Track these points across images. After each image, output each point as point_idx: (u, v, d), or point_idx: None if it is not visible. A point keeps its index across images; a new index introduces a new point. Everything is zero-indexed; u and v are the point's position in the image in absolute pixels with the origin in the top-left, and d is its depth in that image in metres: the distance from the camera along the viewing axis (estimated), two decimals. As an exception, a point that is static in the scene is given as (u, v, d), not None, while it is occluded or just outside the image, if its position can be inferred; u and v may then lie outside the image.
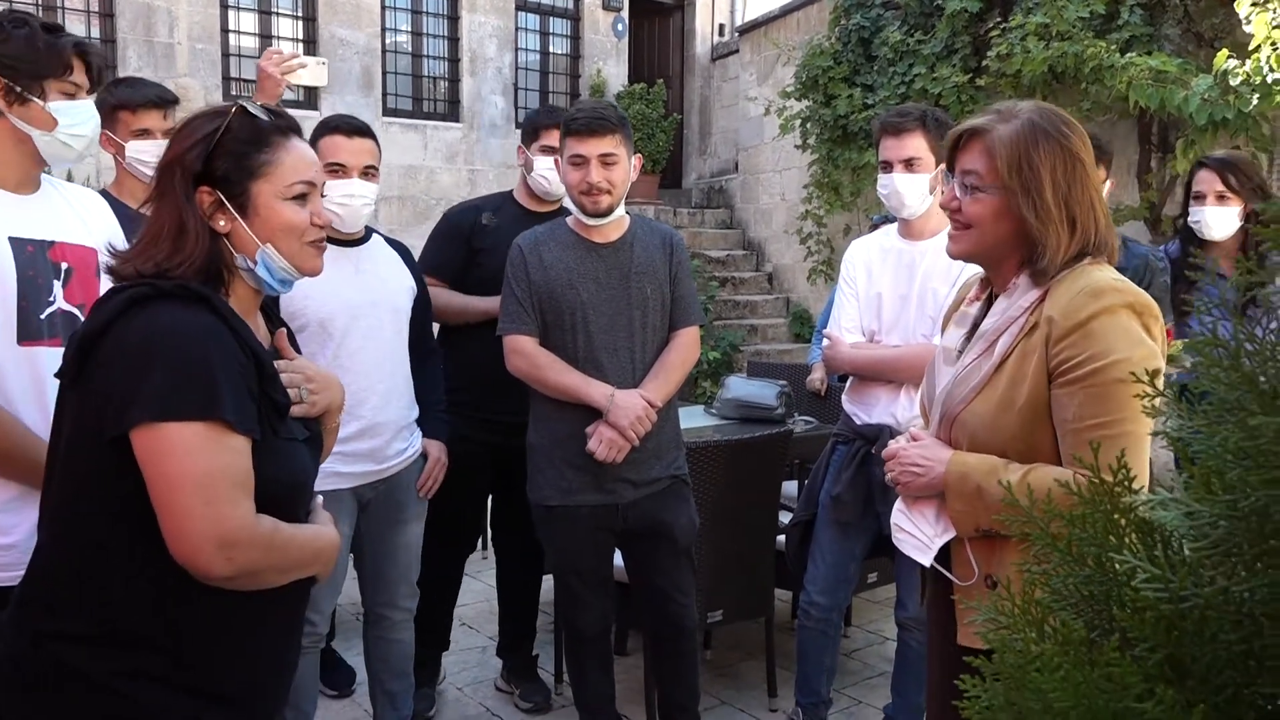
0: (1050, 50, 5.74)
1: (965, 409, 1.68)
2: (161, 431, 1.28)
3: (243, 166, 1.43)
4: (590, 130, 2.58)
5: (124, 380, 1.30)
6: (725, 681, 3.58)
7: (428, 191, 9.70)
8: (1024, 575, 0.67)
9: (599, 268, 2.66)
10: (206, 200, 1.43)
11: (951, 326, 1.86)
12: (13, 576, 1.71)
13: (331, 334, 2.55)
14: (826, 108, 7.90)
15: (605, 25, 11.30)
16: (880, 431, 2.77)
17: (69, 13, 8.39)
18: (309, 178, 1.50)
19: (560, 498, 2.68)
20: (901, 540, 1.81)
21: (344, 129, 2.62)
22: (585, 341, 2.63)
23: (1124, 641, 0.53)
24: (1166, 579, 0.53)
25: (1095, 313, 1.56)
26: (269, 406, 1.41)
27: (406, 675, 2.89)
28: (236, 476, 1.32)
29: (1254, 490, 0.49)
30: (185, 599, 1.35)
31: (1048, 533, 0.62)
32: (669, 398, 2.70)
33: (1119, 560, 0.56)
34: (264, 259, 1.46)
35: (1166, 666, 0.52)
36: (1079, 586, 0.59)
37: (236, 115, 1.45)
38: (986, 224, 1.67)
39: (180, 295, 1.35)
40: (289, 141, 1.48)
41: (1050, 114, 1.67)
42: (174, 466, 1.28)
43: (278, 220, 1.46)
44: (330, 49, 9.46)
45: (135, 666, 1.34)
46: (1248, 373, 0.51)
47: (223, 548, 1.29)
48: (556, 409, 2.65)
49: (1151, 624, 0.52)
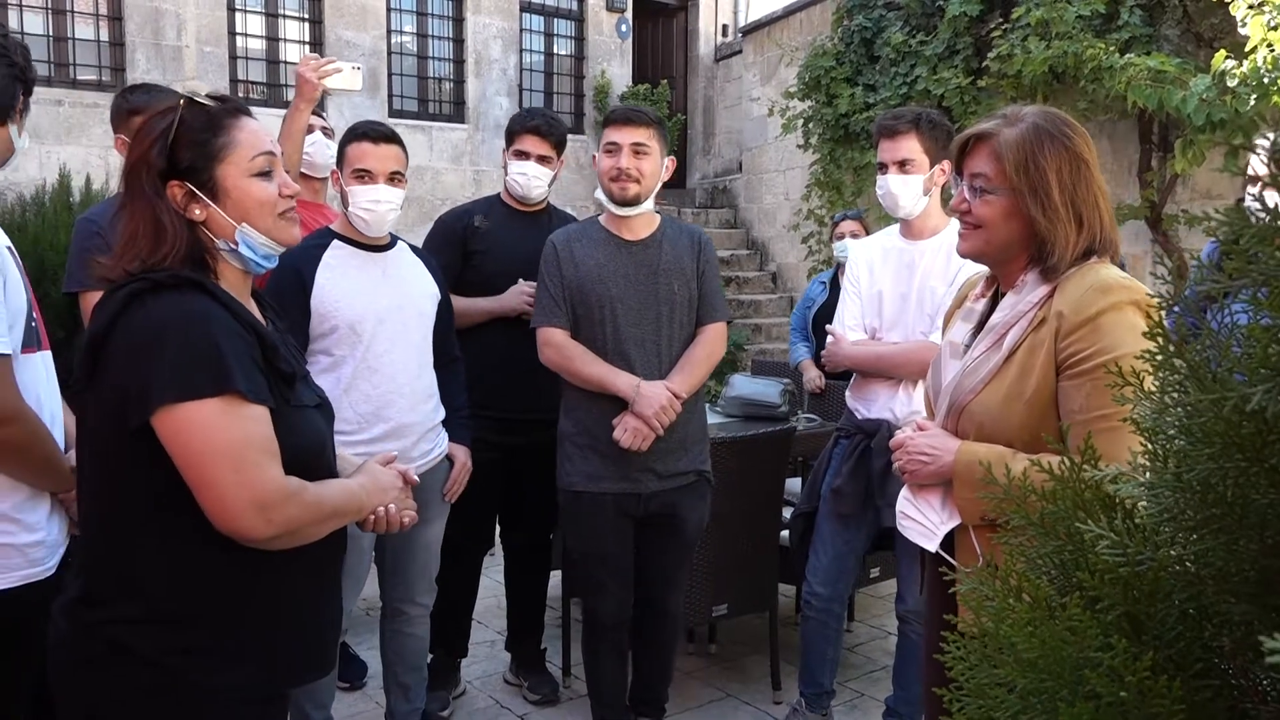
0: (1050, 50, 5.79)
1: (974, 399, 1.74)
2: (181, 412, 1.35)
3: (204, 153, 1.48)
4: (626, 120, 2.71)
5: (137, 372, 1.36)
6: (730, 675, 3.64)
7: (433, 192, 9.77)
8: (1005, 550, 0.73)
9: (629, 264, 2.74)
10: (179, 193, 1.47)
11: (957, 321, 1.92)
12: (44, 571, 1.78)
13: (360, 336, 2.61)
14: (829, 107, 7.95)
15: (609, 26, 11.36)
16: (879, 426, 2.84)
17: (78, 16, 8.47)
18: (267, 149, 1.53)
19: (586, 484, 2.76)
20: (907, 527, 1.87)
21: (371, 135, 2.67)
22: (614, 334, 2.71)
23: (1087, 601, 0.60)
24: (1125, 545, 0.59)
25: (1104, 308, 1.62)
26: (276, 377, 1.48)
27: (420, 669, 2.95)
28: (260, 442, 1.39)
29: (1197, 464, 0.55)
30: (227, 574, 1.42)
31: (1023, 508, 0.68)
32: (695, 390, 2.77)
33: (1084, 530, 0.62)
34: (243, 238, 1.52)
35: (1124, 621, 0.58)
36: (1050, 556, 0.65)
37: (186, 107, 1.49)
38: (996, 224, 1.74)
39: (175, 284, 1.42)
40: (240, 121, 1.52)
41: (1054, 117, 1.74)
42: (199, 443, 1.35)
43: (248, 198, 1.51)
44: (336, 51, 9.52)
45: (185, 644, 1.41)
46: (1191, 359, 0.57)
47: (261, 509, 1.37)
48: (586, 399, 2.74)
49: (1110, 584, 0.58)
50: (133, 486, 1.41)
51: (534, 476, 3.16)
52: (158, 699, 1.40)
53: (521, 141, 3.18)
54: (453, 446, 2.86)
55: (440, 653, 3.30)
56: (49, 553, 1.80)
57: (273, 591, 1.48)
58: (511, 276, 3.12)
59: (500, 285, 3.15)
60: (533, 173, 3.18)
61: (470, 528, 3.25)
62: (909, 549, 2.81)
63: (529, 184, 3.19)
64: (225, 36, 9.05)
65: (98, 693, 1.42)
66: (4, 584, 1.74)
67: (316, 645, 1.58)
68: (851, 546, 2.99)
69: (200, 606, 1.42)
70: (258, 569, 1.44)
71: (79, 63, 8.52)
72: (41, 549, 1.80)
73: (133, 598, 1.40)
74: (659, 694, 3.03)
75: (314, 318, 2.58)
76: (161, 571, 1.41)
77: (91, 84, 8.45)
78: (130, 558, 1.41)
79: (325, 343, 2.60)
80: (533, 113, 3.31)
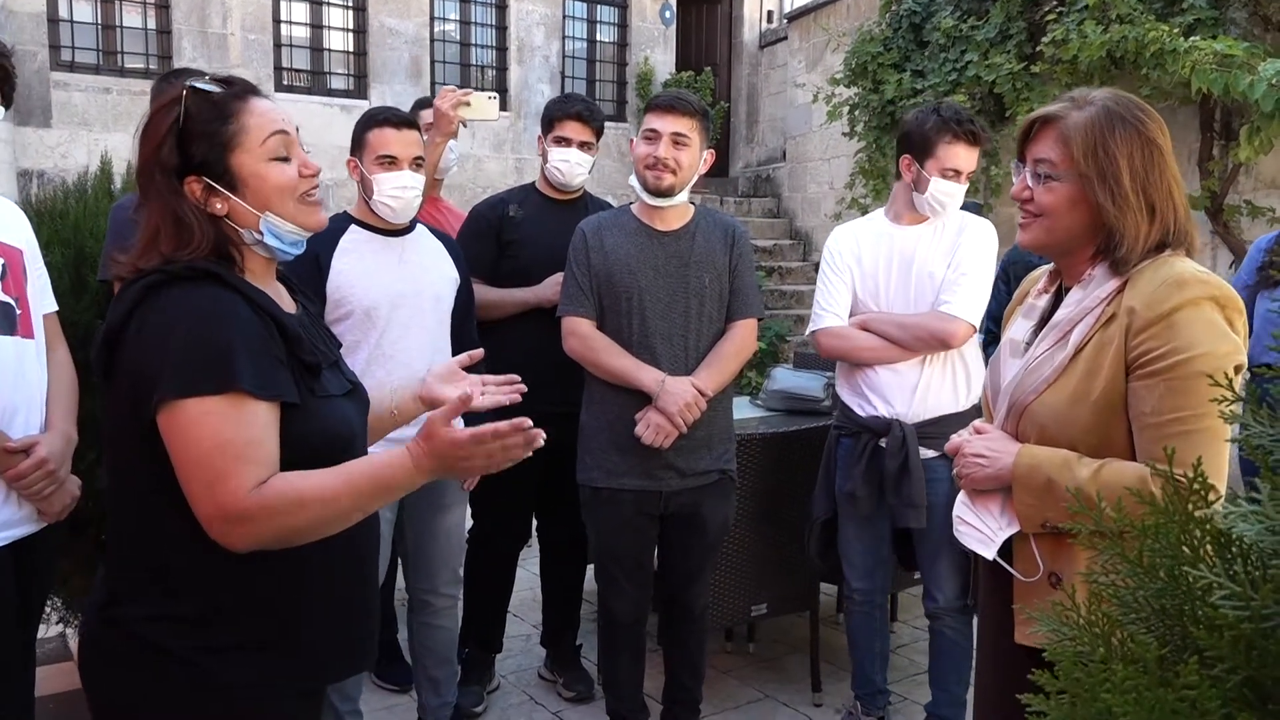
0: (1109, 35, 5.59)
1: (1036, 400, 1.64)
2: (180, 409, 1.30)
3: (216, 145, 1.41)
4: (669, 108, 2.61)
5: (147, 365, 1.32)
6: (769, 675, 3.56)
7: (474, 180, 9.75)
8: (1090, 585, 0.64)
9: (659, 255, 2.66)
10: (197, 189, 1.41)
11: (1018, 318, 1.82)
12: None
13: (375, 321, 2.57)
14: (875, 94, 7.78)
15: (653, 13, 11.25)
16: (888, 425, 2.77)
17: (126, 4, 8.54)
18: (279, 127, 1.46)
19: (605, 480, 2.69)
20: (963, 533, 1.78)
21: (392, 121, 2.62)
22: (640, 326, 2.64)
23: (1201, 662, 0.51)
24: (1248, 596, 0.50)
25: (1179, 304, 1.51)
26: (299, 368, 1.42)
27: (450, 662, 2.90)
28: (239, 448, 1.31)
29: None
30: (253, 570, 1.37)
31: (1117, 542, 0.59)
32: (722, 388, 2.68)
33: (1194, 574, 0.53)
34: (268, 227, 1.45)
35: (1246, 690, 0.49)
36: (1150, 600, 0.56)
37: (190, 98, 1.41)
38: (1060, 212, 1.63)
39: (191, 276, 1.37)
40: (248, 104, 1.44)
41: (1126, 100, 1.64)
42: (181, 448, 1.31)
43: (268, 185, 1.44)
44: (379, 38, 9.53)
45: (216, 641, 1.38)
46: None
47: (229, 523, 1.31)
48: (610, 392, 2.66)
49: (1230, 643, 0.49)
50: (152, 482, 1.36)
51: (570, 471, 3.09)
52: (191, 696, 1.37)
53: (563, 128, 3.11)
54: None
55: (475, 647, 3.25)
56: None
57: (304, 586, 1.43)
58: (548, 266, 3.05)
59: (537, 275, 3.08)
60: (575, 159, 3.11)
61: (504, 522, 3.20)
62: (936, 543, 2.79)
63: (571, 171, 3.12)
64: (270, 24, 9.09)
65: (131, 692, 1.39)
66: None
67: (352, 639, 1.53)
68: (879, 538, 2.94)
69: (229, 602, 1.38)
70: (286, 564, 1.39)
71: (127, 50, 8.60)
72: None
73: (162, 595, 1.38)
74: (693, 693, 2.96)
75: (329, 302, 2.55)
76: (187, 568, 1.37)
77: (139, 72, 8.53)
78: (156, 555, 1.39)
79: (340, 327, 2.56)
80: (572, 99, 3.24)
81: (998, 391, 1.76)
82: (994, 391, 1.79)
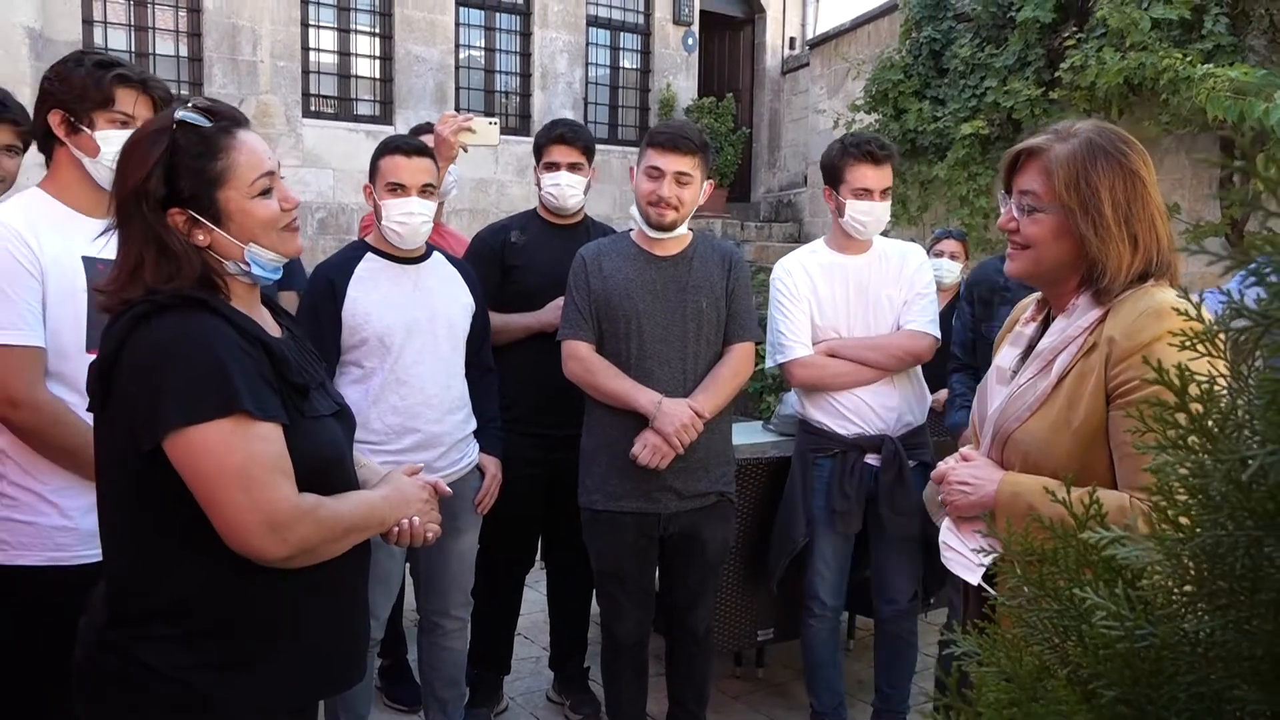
0: (1125, 61, 5.59)
1: (1020, 428, 1.66)
2: (190, 435, 1.33)
3: (204, 180, 1.42)
4: (673, 146, 2.64)
5: (144, 395, 1.35)
6: (775, 700, 3.55)
7: (498, 205, 9.85)
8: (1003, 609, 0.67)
9: (657, 280, 2.71)
10: (180, 221, 1.42)
11: (1006, 346, 1.84)
12: (73, 556, 1.83)
13: (389, 348, 2.61)
14: (896, 121, 7.82)
15: (675, 40, 11.35)
16: (879, 441, 2.91)
17: (159, 32, 8.75)
18: (268, 168, 1.48)
19: (606, 502, 2.72)
20: (950, 559, 1.79)
21: (404, 149, 2.68)
22: (638, 349, 2.68)
23: (1079, 678, 0.53)
24: (1122, 616, 0.52)
25: (1158, 335, 1.52)
26: (287, 390, 1.46)
27: (458, 683, 2.93)
28: (270, 461, 1.37)
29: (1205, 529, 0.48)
30: (249, 591, 1.41)
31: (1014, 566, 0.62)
32: (719, 410, 2.71)
33: (1079, 596, 0.56)
34: (252, 257, 1.48)
35: (1121, 706, 0.51)
36: (1051, 621, 0.59)
37: (180, 131, 1.42)
38: (1046, 243, 1.65)
39: (179, 304, 1.39)
40: (237, 139, 1.46)
41: (1109, 132, 1.65)
42: (209, 465, 1.34)
43: (252, 219, 1.46)
44: (405, 65, 9.69)
45: (210, 660, 1.40)
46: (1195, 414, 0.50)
47: (273, 530, 1.35)
48: (609, 414, 2.70)
49: (1106, 661, 0.51)
50: (150, 507, 1.40)
51: (574, 493, 3.12)
52: (184, 715, 1.40)
53: (550, 153, 3.16)
54: (483, 458, 2.84)
55: (483, 669, 3.27)
56: (78, 541, 1.84)
57: (297, 607, 1.46)
58: (551, 290, 3.09)
59: (540, 300, 3.12)
60: (565, 182, 3.15)
61: (511, 544, 3.23)
62: (896, 548, 2.96)
63: (564, 194, 3.15)
64: (299, 52, 9.26)
65: (126, 711, 1.41)
66: (28, 561, 1.82)
67: (343, 656, 1.57)
68: (849, 554, 3.07)
69: (223, 623, 1.41)
70: (280, 585, 1.43)
71: (159, 78, 8.79)
72: (69, 535, 1.84)
73: (156, 616, 1.40)
74: (697, 717, 2.96)
75: (345, 330, 2.60)
76: (182, 590, 1.40)
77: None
78: (152, 577, 1.41)
79: (356, 354, 2.61)
80: (555, 123, 3.28)
81: (984, 418, 1.77)
82: (981, 418, 1.80)
